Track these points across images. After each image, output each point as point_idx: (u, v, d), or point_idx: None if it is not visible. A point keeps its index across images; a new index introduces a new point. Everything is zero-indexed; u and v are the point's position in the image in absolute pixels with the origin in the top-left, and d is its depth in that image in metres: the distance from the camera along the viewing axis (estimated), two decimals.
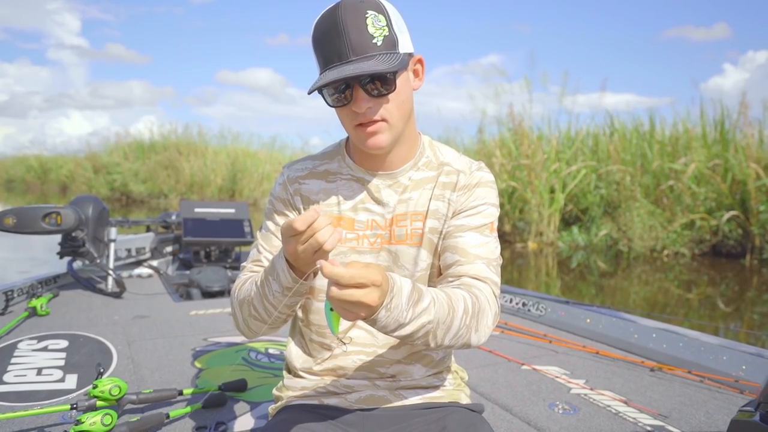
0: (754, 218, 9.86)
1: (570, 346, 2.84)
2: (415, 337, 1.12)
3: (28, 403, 2.05)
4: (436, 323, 1.12)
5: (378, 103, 1.24)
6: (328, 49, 1.21)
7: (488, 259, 1.31)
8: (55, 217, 3.42)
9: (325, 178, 1.42)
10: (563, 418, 2.05)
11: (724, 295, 7.62)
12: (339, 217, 1.39)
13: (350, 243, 1.38)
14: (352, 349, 1.42)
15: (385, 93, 1.23)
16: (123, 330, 3.00)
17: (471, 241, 1.32)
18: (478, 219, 1.35)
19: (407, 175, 1.39)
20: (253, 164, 21.74)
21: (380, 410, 1.39)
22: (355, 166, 1.40)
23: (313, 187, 1.42)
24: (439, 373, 1.46)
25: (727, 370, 2.40)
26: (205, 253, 4.75)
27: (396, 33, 1.24)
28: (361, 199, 1.39)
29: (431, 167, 1.40)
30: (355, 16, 1.20)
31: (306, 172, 1.44)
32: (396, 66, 1.20)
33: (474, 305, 1.20)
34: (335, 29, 1.20)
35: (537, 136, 12.81)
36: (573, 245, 11.24)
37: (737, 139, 10.91)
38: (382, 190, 1.38)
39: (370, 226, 1.38)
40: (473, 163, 1.41)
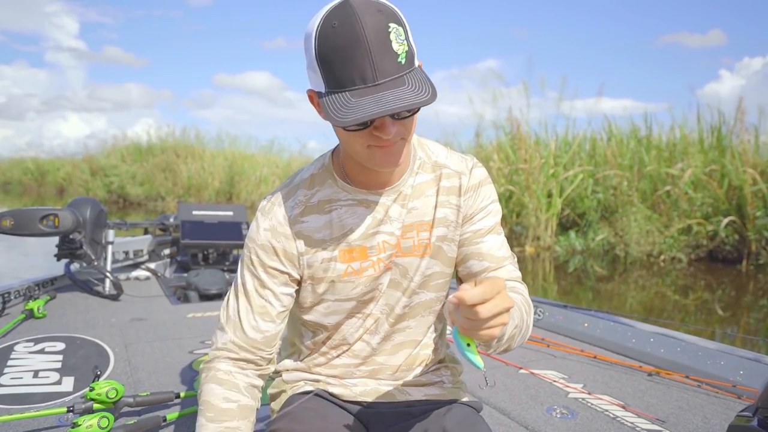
0: (750, 224, 9.88)
1: (568, 351, 2.84)
2: (504, 344, 1.14)
3: (25, 406, 2.04)
4: (518, 328, 1.16)
5: (402, 125, 1.13)
6: (347, 68, 1.05)
7: (511, 257, 1.35)
8: (53, 219, 3.42)
9: (321, 209, 1.29)
10: (561, 422, 2.05)
11: (721, 300, 7.63)
12: (349, 249, 1.29)
13: (367, 272, 1.30)
14: (350, 360, 1.40)
15: (412, 115, 1.14)
16: (120, 332, 2.99)
17: (494, 244, 1.32)
18: (490, 219, 1.35)
19: (408, 183, 1.30)
20: (251, 167, 21.72)
21: (384, 406, 1.39)
22: (353, 188, 1.28)
23: (313, 224, 1.28)
24: (437, 369, 1.47)
25: (724, 375, 2.40)
26: (202, 255, 4.74)
27: (412, 45, 1.12)
28: (369, 224, 1.28)
29: (426, 169, 1.33)
30: (377, 30, 1.04)
31: (302, 208, 1.29)
32: (430, 97, 1.05)
33: (526, 304, 1.23)
34: (357, 46, 1.03)
35: (534, 141, 12.84)
36: (570, 250, 11.25)
37: (734, 145, 10.93)
38: (390, 208, 1.29)
39: (382, 249, 1.30)
40: (467, 161, 1.36)
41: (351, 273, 1.29)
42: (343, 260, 1.28)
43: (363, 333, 1.37)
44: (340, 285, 1.30)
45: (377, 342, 1.38)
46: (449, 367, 1.50)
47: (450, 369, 1.50)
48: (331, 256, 1.28)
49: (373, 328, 1.37)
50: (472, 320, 0.92)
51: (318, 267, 1.29)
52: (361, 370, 1.41)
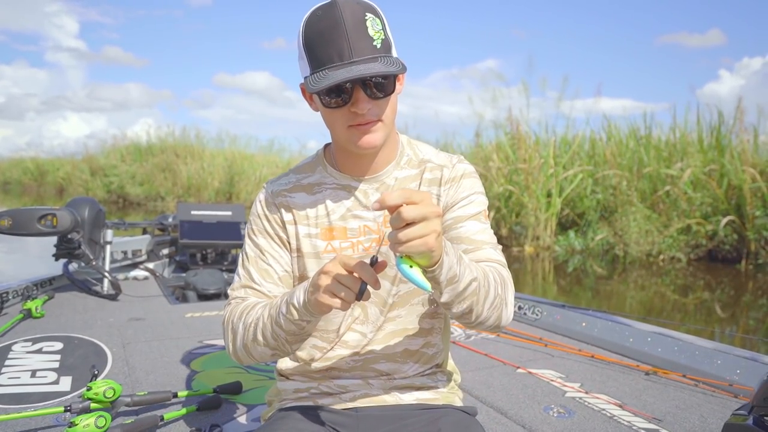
0: (749, 223, 9.89)
1: (565, 350, 2.84)
2: (465, 297, 1.13)
3: (22, 406, 2.04)
4: (479, 283, 1.14)
5: (377, 105, 1.25)
6: (327, 48, 1.20)
7: (492, 243, 1.34)
8: (51, 218, 3.42)
9: (310, 190, 1.42)
10: (558, 421, 2.05)
11: (720, 300, 7.64)
12: (330, 227, 1.38)
13: (346, 251, 1.37)
14: (344, 351, 1.42)
15: (386, 95, 1.25)
16: (118, 332, 2.99)
17: (472, 228, 1.33)
18: (472, 207, 1.37)
19: (392, 175, 1.40)
20: (251, 167, 21.74)
21: (375, 410, 1.39)
22: (338, 174, 1.40)
23: (298, 201, 1.41)
24: (432, 374, 1.46)
25: (721, 374, 2.40)
26: (201, 255, 4.75)
27: (390, 36, 1.25)
28: (349, 207, 1.38)
29: (412, 165, 1.41)
30: (354, 17, 1.19)
31: (290, 185, 1.43)
32: (400, 69, 1.20)
33: (499, 277, 1.23)
34: (336, 29, 1.19)
35: (534, 141, 12.84)
36: (569, 249, 11.26)
37: (733, 145, 10.94)
38: (370, 194, 1.38)
39: (363, 232, 1.38)
40: (453, 157, 1.43)
41: (330, 251, 1.37)
42: (324, 238, 1.38)
43: (352, 322, 1.40)
44: (318, 261, 1.38)
45: (370, 331, 1.40)
46: (446, 373, 1.50)
47: (446, 374, 1.50)
48: (313, 232, 1.39)
49: (363, 318, 1.40)
50: (399, 229, 0.96)
51: (302, 240, 1.39)
52: (355, 360, 1.41)
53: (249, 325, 1.28)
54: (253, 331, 1.26)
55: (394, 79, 1.26)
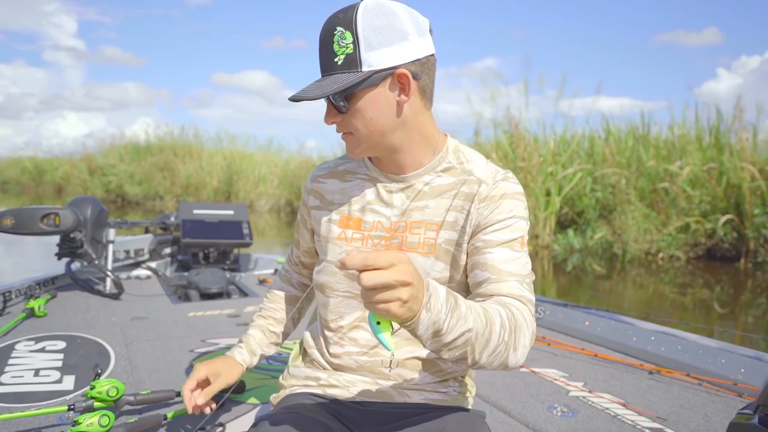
0: (748, 221, 9.90)
1: (568, 349, 2.84)
2: (454, 347, 1.05)
3: (26, 404, 2.04)
4: (475, 334, 1.05)
5: (344, 119, 1.28)
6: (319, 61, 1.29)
7: (520, 275, 1.26)
8: (54, 218, 3.42)
9: (342, 177, 1.46)
10: (562, 420, 2.05)
11: (719, 298, 7.65)
12: (348, 217, 1.42)
13: (356, 243, 1.40)
14: (352, 348, 1.43)
15: (343, 111, 1.27)
16: (121, 331, 2.99)
17: (501, 257, 1.27)
18: (507, 233, 1.30)
19: (422, 179, 1.36)
20: (250, 166, 21.72)
21: (381, 405, 1.39)
22: (371, 166, 1.42)
23: (329, 186, 1.47)
24: (444, 381, 1.46)
25: (725, 373, 2.40)
26: (203, 254, 4.74)
27: (362, 51, 1.21)
28: (370, 200, 1.40)
29: (454, 173, 1.36)
30: (326, 33, 1.24)
31: (327, 171, 1.50)
32: (330, 91, 1.20)
33: (510, 321, 1.13)
34: (318, 43, 1.27)
35: (533, 139, 12.84)
36: (568, 248, 11.26)
37: (732, 143, 10.95)
38: (394, 192, 1.38)
39: (375, 227, 1.39)
40: (499, 173, 1.36)
41: (342, 238, 1.42)
42: (340, 225, 1.43)
43: (363, 321, 1.41)
44: (331, 246, 1.43)
45: None
46: (459, 382, 1.48)
47: (459, 382, 1.48)
48: (334, 218, 1.44)
49: None
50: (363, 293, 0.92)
51: (322, 224, 1.46)
52: (363, 360, 1.42)
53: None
54: None
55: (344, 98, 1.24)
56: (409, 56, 1.24)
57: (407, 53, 1.24)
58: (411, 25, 1.25)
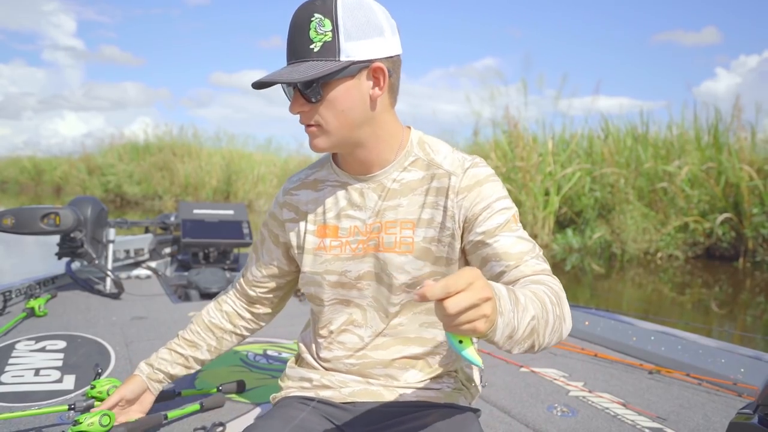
0: (747, 221, 9.92)
1: (568, 349, 2.84)
2: (523, 341, 1.05)
3: (26, 404, 2.04)
4: (537, 320, 1.06)
5: (313, 109, 1.26)
6: (287, 47, 1.26)
7: (532, 251, 1.27)
8: (54, 217, 3.41)
9: (314, 187, 1.45)
10: (562, 420, 2.05)
11: (718, 297, 7.65)
12: (325, 225, 1.41)
13: (334, 251, 1.40)
14: (341, 352, 1.44)
15: (314, 101, 1.24)
16: (121, 331, 2.99)
17: (507, 243, 1.26)
18: (499, 217, 1.29)
19: (391, 177, 1.36)
20: (249, 166, 21.71)
21: (372, 405, 1.40)
22: (340, 171, 1.41)
23: (303, 197, 1.46)
24: (438, 378, 1.45)
25: (725, 372, 2.41)
26: (203, 254, 4.74)
27: (341, 40, 1.21)
28: (343, 206, 1.39)
29: (421, 166, 1.35)
30: (302, 20, 1.22)
31: (298, 183, 1.48)
32: (310, 77, 1.18)
33: (554, 294, 1.15)
34: (289, 29, 1.24)
35: (532, 139, 12.85)
36: (567, 248, 11.27)
37: (730, 142, 10.97)
38: (365, 193, 1.37)
39: (352, 233, 1.38)
40: (466, 160, 1.35)
41: (321, 248, 1.41)
42: (318, 235, 1.42)
43: (351, 324, 1.42)
44: (311, 257, 1.43)
45: (368, 336, 1.41)
46: (453, 377, 1.48)
47: (454, 378, 1.48)
48: (311, 228, 1.43)
49: (362, 321, 1.41)
50: (446, 319, 0.89)
51: (299, 236, 1.45)
52: (352, 363, 1.43)
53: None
54: None
55: (319, 86, 1.22)
56: (384, 52, 1.25)
57: (383, 49, 1.25)
58: (386, 23, 1.27)
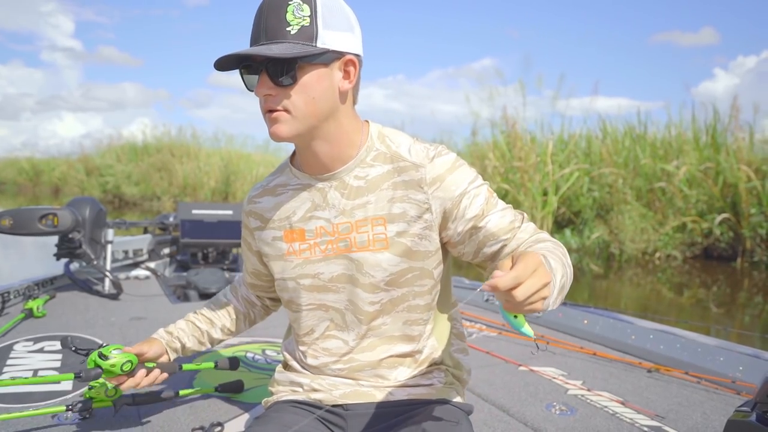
0: (745, 221, 9.93)
1: (567, 348, 2.85)
2: (557, 299, 1.13)
3: (24, 405, 2.04)
4: (565, 277, 1.18)
5: (282, 93, 1.22)
6: (252, 30, 1.23)
7: (518, 219, 1.34)
8: (52, 218, 3.41)
9: (274, 192, 1.43)
10: (560, 418, 2.05)
11: (716, 297, 7.66)
12: (291, 230, 1.39)
13: (304, 254, 1.38)
14: (327, 359, 1.43)
15: (285, 84, 1.21)
16: (120, 332, 2.99)
17: (496, 219, 1.30)
18: (479, 199, 1.30)
19: (353, 173, 1.33)
20: (247, 166, 21.70)
21: (364, 407, 1.39)
22: (300, 173, 1.38)
23: (265, 205, 1.45)
24: (428, 372, 1.44)
25: (724, 371, 2.41)
26: (202, 254, 4.74)
27: (319, 26, 1.20)
28: (307, 207, 1.37)
29: (384, 160, 1.33)
30: (278, 2, 1.20)
31: (260, 190, 1.47)
32: (293, 54, 1.17)
33: (558, 246, 1.27)
34: (259, 12, 1.22)
35: (530, 139, 12.86)
36: (566, 248, 11.26)
37: (728, 143, 10.99)
38: (328, 193, 1.35)
39: (318, 234, 1.36)
40: (429, 150, 1.32)
41: (292, 253, 1.40)
42: (286, 240, 1.41)
43: (333, 329, 1.41)
44: (282, 263, 1.42)
45: (352, 339, 1.40)
46: (443, 370, 1.47)
47: (444, 371, 1.47)
48: (277, 235, 1.42)
49: (343, 325, 1.40)
50: (511, 302, 0.95)
51: (269, 243, 1.44)
52: (339, 369, 1.42)
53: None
54: None
55: (294, 68, 1.20)
56: (355, 47, 1.27)
57: (354, 44, 1.27)
58: (355, 22, 1.29)
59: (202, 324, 1.67)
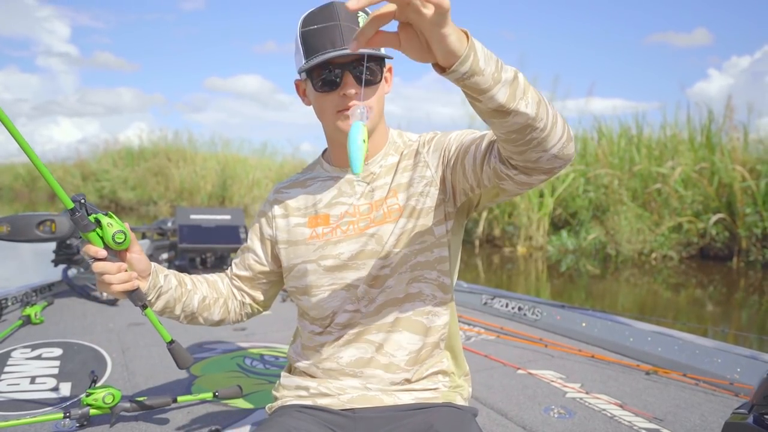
0: (740, 221, 9.95)
1: (565, 350, 2.85)
2: (526, 91, 1.03)
3: (21, 412, 2.04)
4: (539, 93, 1.06)
5: (366, 91, 1.35)
6: (321, 37, 1.32)
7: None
8: (50, 224, 3.41)
9: (304, 185, 1.54)
10: (558, 422, 2.06)
11: (712, 297, 7.68)
12: (316, 216, 1.48)
13: (326, 237, 1.45)
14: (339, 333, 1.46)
15: (373, 82, 1.36)
16: (118, 337, 2.99)
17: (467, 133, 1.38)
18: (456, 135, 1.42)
19: (378, 164, 1.47)
20: (244, 170, 21.65)
21: (371, 411, 1.41)
22: (330, 167, 1.51)
23: (292, 194, 1.54)
24: (433, 375, 1.47)
25: (722, 372, 2.42)
26: (200, 259, 4.74)
27: None
28: (334, 195, 1.48)
29: (398, 150, 1.49)
30: (348, 12, 1.25)
31: (289, 183, 1.58)
32: (384, 55, 1.34)
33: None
34: (330, 21, 1.31)
35: None
36: (562, 249, 11.29)
37: (723, 143, 11.02)
38: (354, 183, 1.47)
39: (341, 217, 1.45)
40: (429, 132, 1.50)
41: (314, 237, 1.47)
42: (310, 225, 1.48)
43: (349, 303, 1.45)
44: (303, 247, 1.48)
45: (364, 306, 1.44)
46: (449, 376, 1.51)
47: (449, 376, 1.50)
48: (301, 221, 1.50)
49: (354, 298, 1.44)
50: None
51: (289, 230, 1.51)
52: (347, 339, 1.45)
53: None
54: None
55: (382, 68, 1.37)
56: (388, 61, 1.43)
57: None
58: None
59: (188, 285, 1.58)
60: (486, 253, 11.51)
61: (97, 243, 1.40)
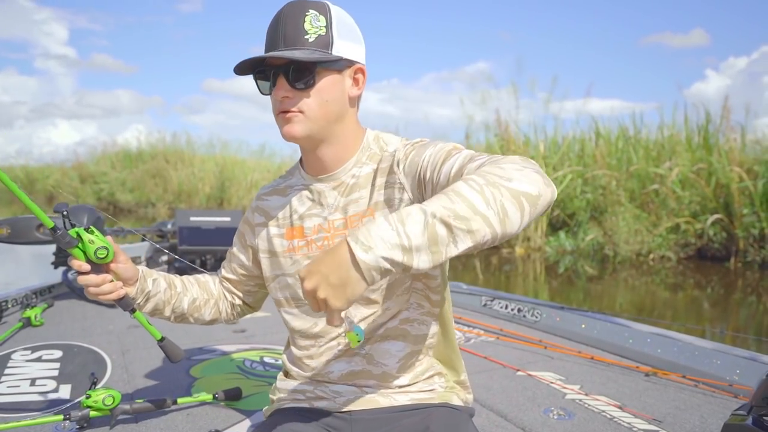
0: (738, 221, 9.96)
1: (565, 352, 2.86)
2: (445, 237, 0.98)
3: (21, 414, 2.04)
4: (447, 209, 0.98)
5: (297, 96, 1.29)
6: (267, 39, 1.30)
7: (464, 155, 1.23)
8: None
9: (283, 192, 1.50)
10: (558, 423, 2.06)
11: (710, 298, 7.69)
12: (292, 228, 1.46)
13: (302, 251, 1.44)
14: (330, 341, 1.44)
15: (303, 87, 1.28)
16: (118, 339, 2.99)
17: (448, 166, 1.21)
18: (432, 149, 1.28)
19: (350, 173, 1.40)
20: (242, 172, 21.63)
21: (367, 413, 1.41)
22: (305, 174, 1.46)
23: (272, 203, 1.51)
24: (429, 377, 1.47)
25: (721, 374, 2.42)
26: (200, 261, 4.75)
27: (334, 36, 1.29)
28: (308, 206, 1.44)
29: (374, 159, 1.40)
30: (295, 12, 1.27)
31: (270, 189, 1.55)
32: (315, 59, 1.25)
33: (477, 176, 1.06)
34: (275, 21, 1.29)
35: (524, 142, 12.88)
36: (560, 250, 11.30)
37: (720, 144, 11.04)
38: (326, 192, 1.41)
39: (315, 231, 1.42)
40: (403, 139, 1.42)
41: (290, 249, 1.45)
42: (287, 237, 1.46)
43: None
44: (282, 260, 1.47)
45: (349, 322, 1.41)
46: (445, 377, 1.50)
47: (445, 377, 1.50)
48: (279, 232, 1.48)
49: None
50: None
51: (269, 240, 1.49)
52: (341, 349, 1.43)
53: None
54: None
55: (313, 72, 1.27)
56: (363, 59, 1.38)
57: (362, 55, 1.37)
58: (362, 36, 1.38)
59: (177, 287, 1.60)
60: (484, 254, 11.51)
61: (81, 257, 1.41)
